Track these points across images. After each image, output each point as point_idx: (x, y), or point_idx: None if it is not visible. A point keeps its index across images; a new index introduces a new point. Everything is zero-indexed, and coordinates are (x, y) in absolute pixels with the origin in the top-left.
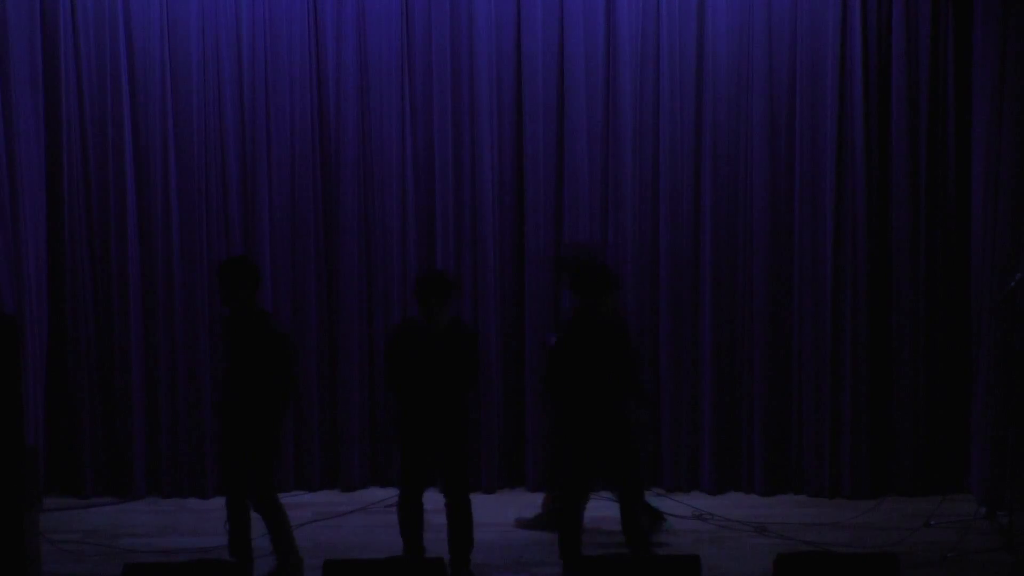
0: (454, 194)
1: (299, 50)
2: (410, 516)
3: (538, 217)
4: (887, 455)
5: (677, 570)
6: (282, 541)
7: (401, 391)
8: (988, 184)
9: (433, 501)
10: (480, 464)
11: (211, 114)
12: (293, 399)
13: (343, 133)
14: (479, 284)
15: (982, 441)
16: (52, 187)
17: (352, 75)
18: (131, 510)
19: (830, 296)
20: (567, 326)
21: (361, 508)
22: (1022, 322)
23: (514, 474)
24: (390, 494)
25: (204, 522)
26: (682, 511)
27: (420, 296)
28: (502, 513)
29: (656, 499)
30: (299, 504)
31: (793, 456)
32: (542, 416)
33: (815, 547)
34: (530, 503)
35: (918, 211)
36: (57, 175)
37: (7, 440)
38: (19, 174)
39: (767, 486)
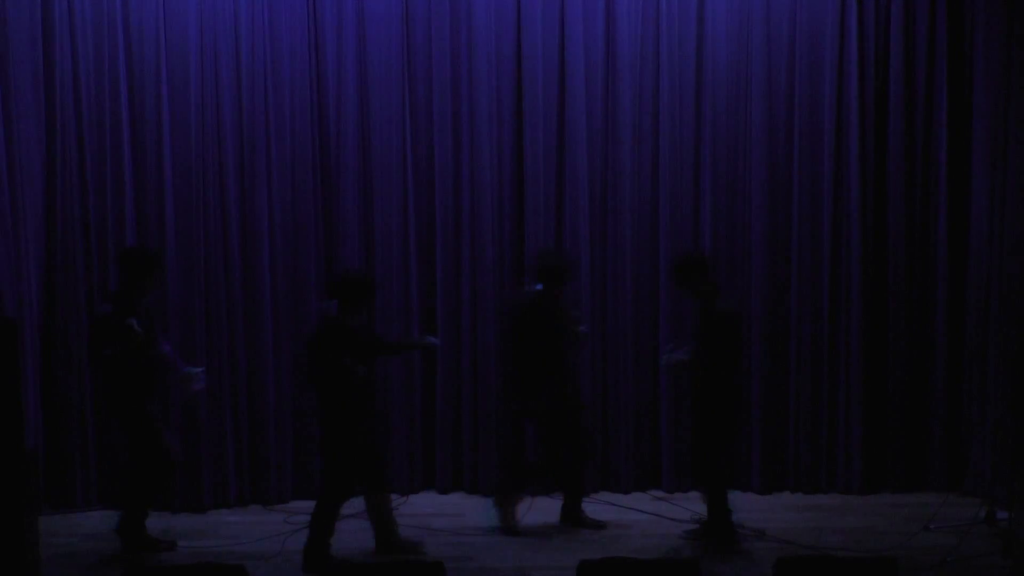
0: (454, 197)
1: (299, 53)
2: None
3: (538, 219)
4: (885, 455)
5: (677, 575)
6: None
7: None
8: (994, 184)
9: (434, 504)
10: (479, 467)
11: (209, 116)
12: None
13: (343, 136)
14: (479, 286)
15: (982, 442)
16: (50, 189)
17: (352, 79)
18: None
19: (827, 296)
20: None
21: (360, 511)
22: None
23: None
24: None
25: (203, 524)
26: (682, 515)
27: (343, 296)
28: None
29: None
30: (298, 508)
31: (791, 455)
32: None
33: (815, 551)
34: (530, 506)
35: (914, 211)
36: (54, 178)
37: (7, 444)
38: (19, 176)
39: (765, 485)
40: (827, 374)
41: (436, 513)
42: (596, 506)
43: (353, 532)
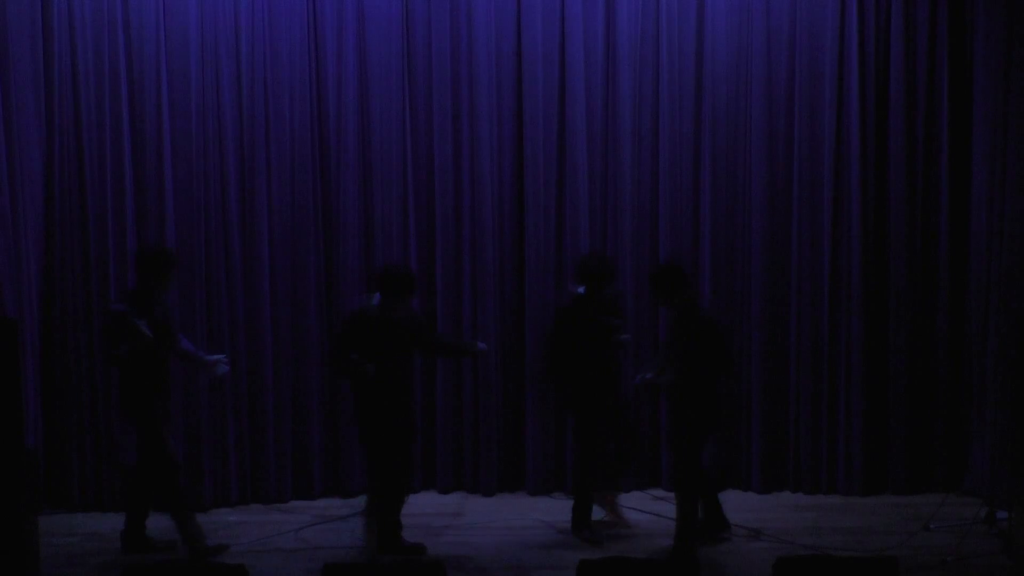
0: (454, 196)
1: (299, 54)
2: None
3: (538, 219)
4: (885, 455)
5: (677, 575)
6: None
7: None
8: (992, 185)
9: (434, 505)
10: (479, 466)
11: (209, 116)
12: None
13: (343, 136)
14: (478, 285)
15: (982, 442)
16: (50, 189)
17: (352, 79)
18: None
19: (827, 297)
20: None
21: (361, 511)
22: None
23: (513, 477)
24: None
25: (204, 524)
26: None
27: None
28: (501, 516)
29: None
30: (298, 508)
31: (791, 455)
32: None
33: (814, 551)
34: (530, 506)
35: (915, 212)
36: (54, 178)
37: (7, 443)
38: (19, 176)
39: (765, 484)
40: (827, 374)
41: (436, 513)
42: (595, 506)
43: (354, 532)
